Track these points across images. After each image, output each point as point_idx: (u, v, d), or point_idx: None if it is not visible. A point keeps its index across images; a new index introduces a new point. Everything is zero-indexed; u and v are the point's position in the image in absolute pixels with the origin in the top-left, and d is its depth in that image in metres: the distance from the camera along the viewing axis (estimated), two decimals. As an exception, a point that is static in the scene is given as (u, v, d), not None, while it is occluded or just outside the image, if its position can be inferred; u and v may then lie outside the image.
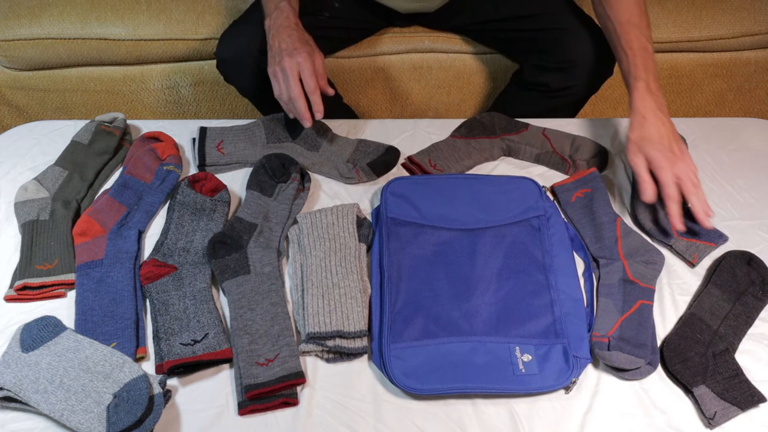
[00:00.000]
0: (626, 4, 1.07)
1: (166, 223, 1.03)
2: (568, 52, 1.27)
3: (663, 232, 1.02)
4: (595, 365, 0.88)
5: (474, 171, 1.15)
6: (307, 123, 1.06)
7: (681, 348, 0.88)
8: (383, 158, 1.12)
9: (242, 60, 1.24)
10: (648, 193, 0.98)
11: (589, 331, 0.90)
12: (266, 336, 0.87)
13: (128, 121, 1.20)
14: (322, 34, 1.10)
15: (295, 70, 1.03)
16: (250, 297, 0.92)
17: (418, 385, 0.82)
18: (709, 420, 0.82)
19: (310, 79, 1.03)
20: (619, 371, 0.86)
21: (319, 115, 1.06)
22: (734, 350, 0.89)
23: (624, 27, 1.06)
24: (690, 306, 0.94)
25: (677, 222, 0.96)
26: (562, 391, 0.85)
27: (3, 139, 1.19)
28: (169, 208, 1.05)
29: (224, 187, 1.06)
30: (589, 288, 0.96)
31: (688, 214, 1.06)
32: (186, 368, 0.86)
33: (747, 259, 0.98)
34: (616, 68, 1.30)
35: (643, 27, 1.07)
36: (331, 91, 1.08)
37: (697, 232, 1.02)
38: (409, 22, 1.48)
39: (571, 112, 1.40)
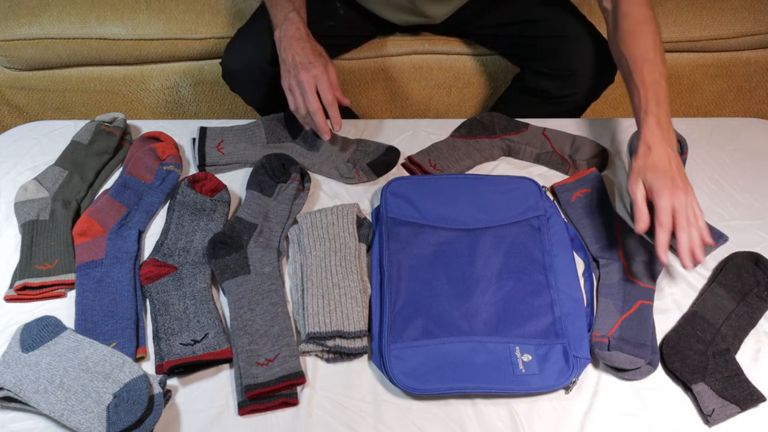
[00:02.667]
0: (643, 42, 1.04)
1: (166, 223, 1.03)
2: (569, 60, 1.27)
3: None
4: (595, 365, 0.88)
5: (474, 171, 1.15)
6: (326, 136, 1.06)
7: (680, 346, 0.88)
8: (383, 158, 1.12)
9: (250, 71, 1.24)
10: (642, 223, 0.93)
11: (589, 331, 0.90)
12: (266, 336, 0.87)
13: (128, 121, 1.20)
14: (327, 42, 1.10)
15: (312, 84, 1.03)
16: (250, 297, 0.92)
17: (418, 385, 0.82)
18: (708, 417, 0.82)
19: (328, 93, 1.03)
20: (619, 371, 0.86)
21: (337, 128, 1.06)
22: (736, 350, 0.89)
23: (638, 63, 1.03)
24: (693, 304, 0.94)
25: (661, 253, 0.91)
26: (562, 391, 0.85)
27: (3, 139, 1.19)
28: (169, 208, 1.05)
29: (224, 187, 1.06)
30: (589, 288, 0.96)
31: None
32: (186, 368, 0.86)
33: (754, 259, 0.98)
34: (617, 72, 1.31)
35: (658, 63, 1.03)
36: (347, 101, 1.08)
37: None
38: (411, 30, 1.48)
39: (572, 117, 1.40)
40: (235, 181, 1.11)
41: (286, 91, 1.07)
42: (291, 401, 0.82)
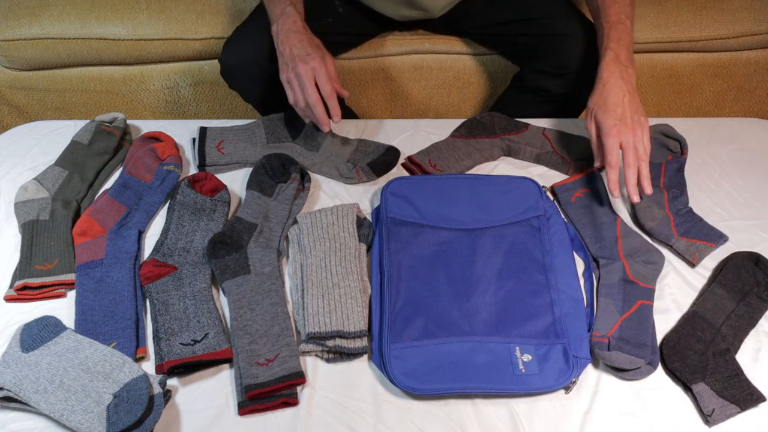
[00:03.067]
0: None
1: (166, 223, 1.03)
2: (569, 59, 1.27)
3: (663, 233, 1.02)
4: (595, 365, 0.88)
5: (474, 171, 1.15)
6: (326, 128, 1.07)
7: (680, 346, 0.88)
8: (383, 158, 1.12)
9: (248, 68, 1.24)
10: (596, 160, 1.00)
11: (589, 331, 0.90)
12: (266, 336, 0.87)
13: (128, 121, 1.20)
14: (326, 39, 1.10)
15: (311, 76, 1.03)
16: (250, 297, 0.92)
17: (418, 385, 0.82)
18: (708, 417, 0.82)
19: (327, 84, 1.04)
20: (619, 371, 0.86)
21: (337, 119, 1.06)
22: (736, 350, 0.89)
23: (606, 3, 1.08)
24: (693, 304, 0.94)
25: (613, 189, 0.97)
26: (562, 391, 0.85)
27: (3, 139, 1.19)
28: (169, 208, 1.05)
29: (224, 187, 1.06)
30: (589, 288, 0.96)
31: (690, 216, 1.06)
32: (186, 368, 0.86)
33: (754, 259, 0.98)
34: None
35: (625, 4, 1.08)
36: (346, 93, 1.09)
37: (695, 232, 1.02)
38: (410, 27, 1.48)
39: (571, 117, 1.40)
40: (235, 181, 1.11)
41: (284, 84, 1.07)
42: (291, 401, 0.82)
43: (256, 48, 1.20)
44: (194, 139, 1.15)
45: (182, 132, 1.19)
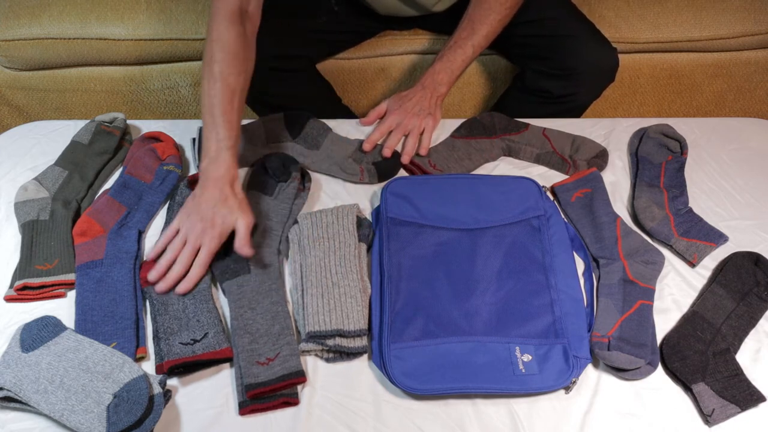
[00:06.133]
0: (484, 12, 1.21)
1: (165, 223, 1.03)
2: (569, 59, 1.27)
3: (663, 233, 1.02)
4: (595, 365, 0.88)
5: (474, 171, 1.15)
6: (161, 287, 0.92)
7: (680, 345, 0.88)
8: (387, 163, 1.12)
9: None
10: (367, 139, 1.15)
11: (589, 331, 0.90)
12: (267, 335, 0.87)
13: (128, 121, 1.20)
14: (322, 38, 1.10)
15: (195, 249, 0.93)
16: (251, 296, 0.92)
17: (418, 385, 0.82)
18: (708, 417, 0.82)
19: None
20: (619, 371, 0.86)
21: (182, 291, 0.92)
22: (736, 350, 0.89)
23: (473, 21, 1.22)
24: (693, 304, 0.94)
25: (367, 142, 1.13)
26: (562, 391, 0.85)
27: (3, 139, 1.19)
28: (168, 208, 1.05)
29: (224, 186, 1.06)
30: (589, 288, 0.96)
31: (690, 216, 1.06)
32: (186, 368, 0.86)
33: (754, 259, 0.98)
34: (617, 71, 1.31)
35: (480, 35, 1.22)
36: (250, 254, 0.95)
37: (695, 232, 1.02)
38: (407, 25, 1.48)
39: (572, 117, 1.40)
40: (235, 181, 1.11)
41: (166, 231, 0.97)
42: (292, 401, 0.82)
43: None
44: (194, 139, 1.15)
45: (182, 132, 1.19)
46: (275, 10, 1.15)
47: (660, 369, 0.87)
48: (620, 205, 1.09)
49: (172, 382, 0.85)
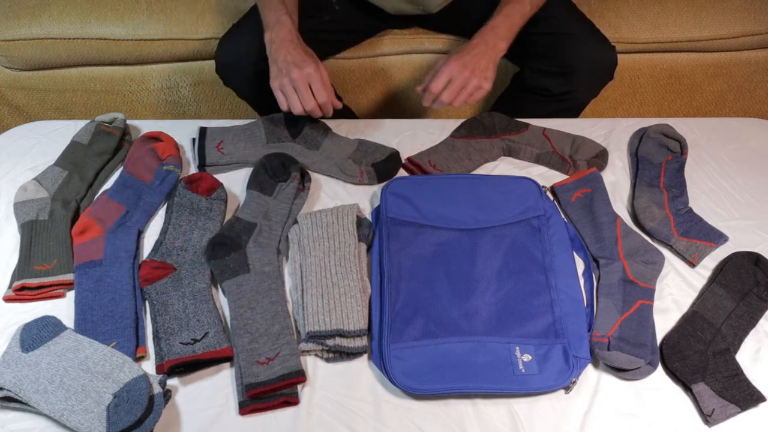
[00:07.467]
0: None
1: (164, 223, 1.03)
2: (569, 57, 1.27)
3: (663, 233, 1.02)
4: (595, 365, 0.88)
5: (474, 171, 1.15)
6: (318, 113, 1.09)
7: (680, 345, 0.88)
8: (386, 164, 1.11)
9: (242, 64, 1.24)
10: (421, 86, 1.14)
11: (589, 331, 0.90)
12: (267, 335, 0.87)
13: (128, 121, 1.20)
14: (323, 37, 1.10)
15: (306, 82, 1.05)
16: (251, 296, 0.92)
17: (418, 385, 0.82)
18: (708, 417, 0.82)
19: (322, 91, 1.05)
20: (619, 371, 0.86)
21: (329, 114, 1.09)
22: (736, 350, 0.89)
23: None
24: (693, 304, 0.94)
25: (427, 97, 1.12)
26: (562, 391, 0.85)
27: (3, 139, 1.19)
28: (167, 208, 1.05)
29: (220, 185, 1.06)
30: (589, 288, 0.96)
31: (690, 216, 1.06)
32: (186, 368, 0.86)
33: (754, 259, 0.98)
34: (617, 71, 1.30)
35: None
36: (339, 104, 1.10)
37: (695, 232, 1.02)
38: (408, 24, 1.48)
39: (571, 116, 1.40)
40: (235, 181, 1.11)
41: (275, 91, 1.08)
42: (292, 400, 0.82)
43: (250, 45, 1.21)
44: (194, 139, 1.15)
45: (182, 132, 1.19)
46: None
47: (660, 369, 0.87)
48: (620, 205, 1.09)
49: (172, 382, 0.85)
